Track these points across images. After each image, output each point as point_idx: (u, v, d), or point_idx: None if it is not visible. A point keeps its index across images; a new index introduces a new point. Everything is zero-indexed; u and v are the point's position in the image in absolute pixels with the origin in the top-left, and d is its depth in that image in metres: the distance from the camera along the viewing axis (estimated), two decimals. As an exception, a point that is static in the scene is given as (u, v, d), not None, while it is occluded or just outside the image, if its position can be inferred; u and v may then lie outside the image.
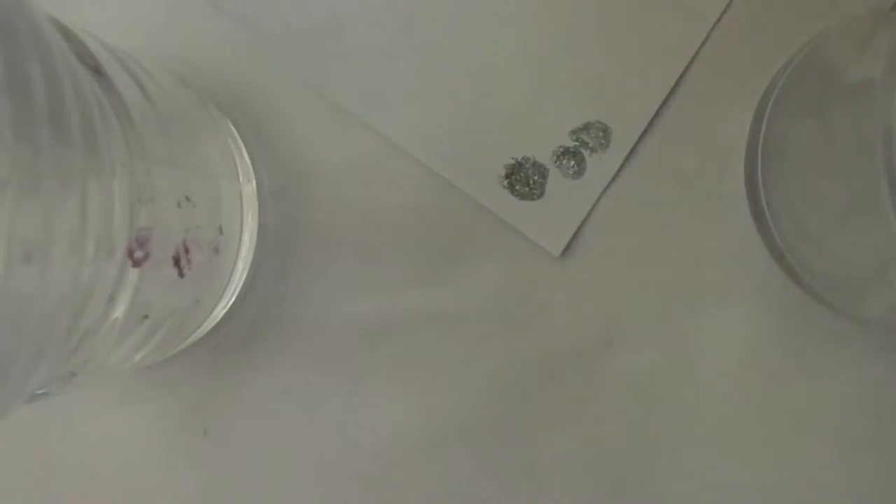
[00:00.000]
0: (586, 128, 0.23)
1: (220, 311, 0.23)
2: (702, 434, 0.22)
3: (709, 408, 0.22)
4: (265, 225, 0.23)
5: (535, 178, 0.23)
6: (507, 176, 0.23)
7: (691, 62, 0.23)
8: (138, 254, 0.15)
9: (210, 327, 0.23)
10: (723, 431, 0.22)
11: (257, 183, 0.23)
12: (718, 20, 0.23)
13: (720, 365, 0.22)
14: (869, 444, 0.22)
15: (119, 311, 0.15)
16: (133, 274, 0.15)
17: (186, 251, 0.18)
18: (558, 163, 0.23)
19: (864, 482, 0.22)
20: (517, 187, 0.23)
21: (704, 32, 0.23)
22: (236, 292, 0.23)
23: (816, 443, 0.22)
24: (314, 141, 0.23)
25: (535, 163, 0.23)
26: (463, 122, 0.23)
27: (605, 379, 0.23)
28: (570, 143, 0.23)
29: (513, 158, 0.23)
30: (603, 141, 0.23)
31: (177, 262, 0.18)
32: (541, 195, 0.23)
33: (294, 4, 0.23)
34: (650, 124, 0.23)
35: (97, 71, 0.15)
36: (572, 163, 0.23)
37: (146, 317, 0.17)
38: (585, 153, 0.23)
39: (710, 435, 0.22)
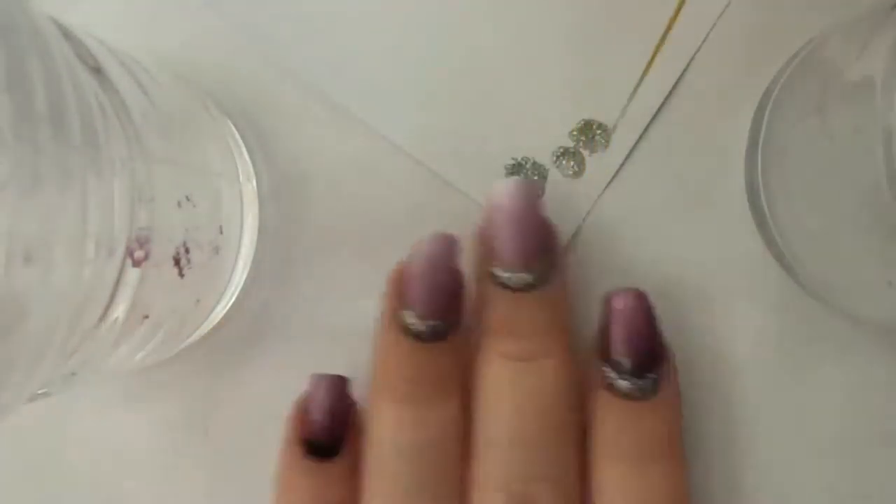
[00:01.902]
0: (586, 128, 0.23)
1: (220, 311, 0.23)
2: (701, 434, 0.22)
3: (708, 407, 0.22)
4: (265, 225, 0.23)
5: (535, 178, 0.23)
6: (507, 176, 0.23)
7: (691, 62, 0.23)
8: (138, 254, 0.15)
9: (210, 327, 0.23)
10: (722, 431, 0.22)
11: (257, 183, 0.23)
12: (718, 20, 0.23)
13: (719, 365, 0.22)
14: (869, 444, 0.22)
15: (119, 311, 0.15)
16: (133, 274, 0.15)
17: (186, 251, 0.18)
18: (558, 163, 0.23)
19: (864, 482, 0.22)
20: (517, 187, 0.23)
21: (704, 32, 0.23)
22: (236, 292, 0.23)
23: (816, 442, 0.22)
24: (314, 141, 0.23)
25: (534, 163, 0.23)
26: (463, 122, 0.23)
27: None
28: (570, 143, 0.23)
29: (513, 158, 0.23)
30: (603, 141, 0.23)
31: (177, 262, 0.18)
32: (540, 195, 0.23)
33: (294, 4, 0.23)
34: (650, 124, 0.23)
35: (97, 71, 0.15)
36: (572, 163, 0.23)
37: (146, 317, 0.17)
38: (585, 153, 0.23)
39: (709, 434, 0.22)
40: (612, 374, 0.20)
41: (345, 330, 0.23)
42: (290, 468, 0.21)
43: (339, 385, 0.21)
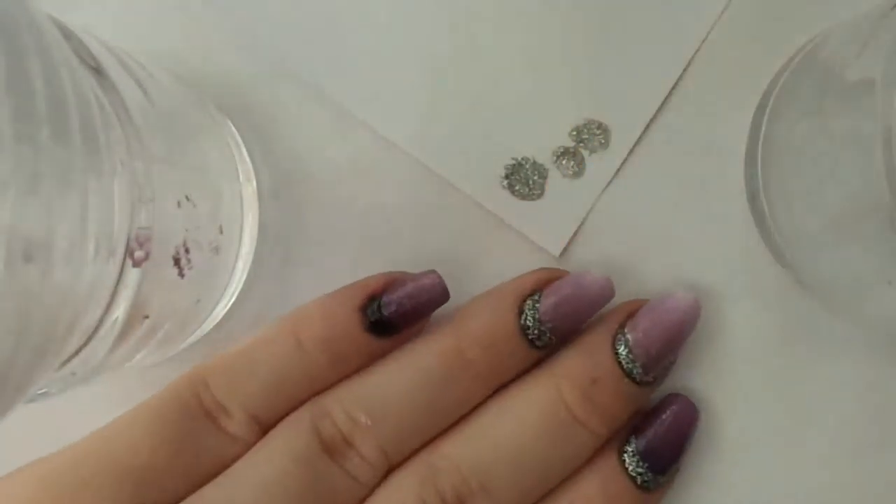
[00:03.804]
0: (586, 128, 0.23)
1: (220, 311, 0.23)
2: (701, 432, 0.22)
3: (708, 406, 0.22)
4: (265, 225, 0.23)
5: (535, 178, 0.23)
6: (507, 176, 0.23)
7: (691, 62, 0.23)
8: (138, 254, 0.15)
9: (210, 327, 0.23)
10: (721, 431, 0.22)
11: (257, 183, 0.23)
12: (718, 20, 0.23)
13: (719, 365, 0.22)
14: (869, 444, 0.22)
15: (119, 311, 0.15)
16: (133, 274, 0.15)
17: (186, 251, 0.18)
18: (558, 163, 0.23)
19: (863, 483, 0.22)
20: (517, 187, 0.23)
21: (704, 32, 0.23)
22: (236, 292, 0.23)
23: (816, 443, 0.22)
24: (314, 141, 0.23)
25: (534, 163, 0.23)
26: (463, 122, 0.23)
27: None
28: (570, 143, 0.23)
29: (513, 158, 0.23)
30: (602, 141, 0.23)
31: (177, 262, 0.18)
32: (540, 195, 0.23)
33: (294, 5, 0.23)
34: (650, 124, 0.23)
35: (97, 71, 0.15)
36: (572, 163, 0.23)
37: (146, 317, 0.17)
38: (585, 153, 0.23)
39: (708, 435, 0.22)
40: (636, 465, 0.20)
41: (345, 330, 0.23)
42: (347, 326, 0.21)
43: (443, 292, 0.21)
